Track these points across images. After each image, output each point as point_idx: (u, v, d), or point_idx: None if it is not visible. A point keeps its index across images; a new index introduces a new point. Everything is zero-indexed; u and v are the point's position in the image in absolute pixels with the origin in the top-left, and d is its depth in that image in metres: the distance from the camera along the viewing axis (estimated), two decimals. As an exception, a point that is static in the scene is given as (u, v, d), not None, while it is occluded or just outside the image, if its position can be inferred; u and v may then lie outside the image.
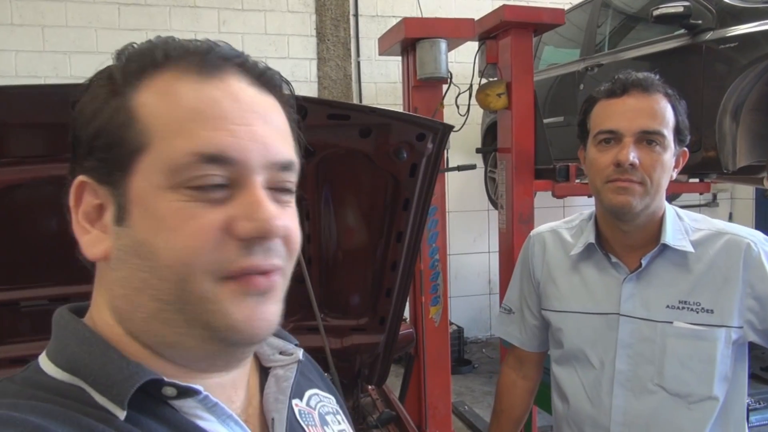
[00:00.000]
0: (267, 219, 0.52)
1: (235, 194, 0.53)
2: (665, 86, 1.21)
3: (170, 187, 0.51)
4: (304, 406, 0.68)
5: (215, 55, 0.54)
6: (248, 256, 0.52)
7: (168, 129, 0.52)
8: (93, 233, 0.55)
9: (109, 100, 0.53)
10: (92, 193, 0.55)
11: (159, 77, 0.53)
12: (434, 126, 1.36)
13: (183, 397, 0.53)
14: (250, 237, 0.52)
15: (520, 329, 1.47)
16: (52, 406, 0.49)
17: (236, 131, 0.52)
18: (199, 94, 0.53)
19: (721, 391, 1.20)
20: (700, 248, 1.22)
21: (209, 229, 0.51)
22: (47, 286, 1.35)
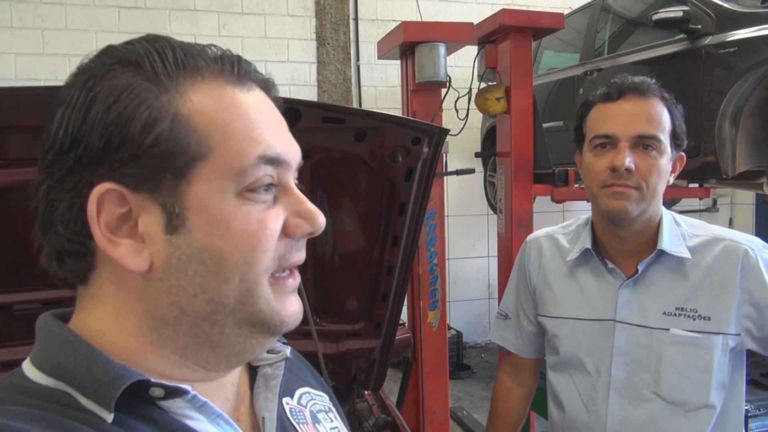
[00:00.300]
0: (315, 216, 0.57)
1: (279, 196, 0.57)
2: (662, 90, 1.20)
3: (232, 191, 0.53)
4: (295, 405, 0.69)
5: (244, 66, 0.57)
6: (296, 252, 0.58)
7: (229, 137, 0.53)
8: (125, 244, 0.52)
9: (162, 105, 0.51)
10: (117, 202, 0.52)
11: (202, 85, 0.54)
12: (430, 130, 1.35)
13: (171, 397, 0.53)
14: (302, 235, 0.57)
15: (516, 335, 1.46)
16: (37, 411, 0.49)
17: (283, 138, 0.57)
18: (246, 105, 0.55)
19: (718, 399, 1.19)
20: (697, 254, 1.20)
21: (273, 232, 0.55)
22: (41, 289, 1.34)
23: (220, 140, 0.52)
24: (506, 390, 1.50)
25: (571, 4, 4.71)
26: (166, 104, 0.52)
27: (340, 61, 4.95)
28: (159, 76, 0.52)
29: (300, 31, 4.91)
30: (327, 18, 4.91)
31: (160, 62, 0.52)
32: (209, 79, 0.54)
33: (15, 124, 1.12)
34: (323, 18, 4.92)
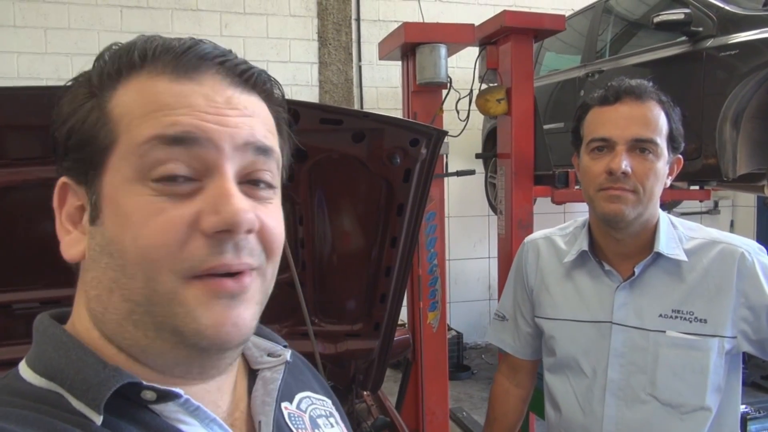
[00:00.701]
0: (234, 212, 0.49)
1: (203, 189, 0.51)
2: (659, 93, 1.20)
3: (137, 179, 0.50)
4: (294, 409, 0.67)
5: (193, 54, 0.53)
6: (218, 255, 0.50)
7: (134, 121, 0.51)
8: (73, 234, 0.55)
9: (85, 102, 0.54)
10: (74, 195, 0.55)
11: (135, 78, 0.53)
12: (428, 131, 1.35)
13: (163, 401, 0.52)
14: (214, 231, 0.50)
15: (514, 337, 1.46)
16: (27, 412, 0.49)
17: (205, 117, 0.51)
18: (169, 90, 0.52)
19: (714, 402, 1.19)
20: (694, 257, 1.21)
21: (175, 225, 0.49)
22: (40, 288, 1.35)
23: (125, 128, 0.52)
24: (503, 391, 1.50)
25: (573, 6, 4.71)
26: (88, 100, 0.54)
27: (341, 62, 4.96)
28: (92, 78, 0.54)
29: (302, 32, 4.92)
30: (329, 18, 4.92)
31: (99, 68, 0.55)
32: (145, 73, 0.53)
33: (16, 124, 1.12)
34: (325, 18, 4.92)
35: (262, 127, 0.55)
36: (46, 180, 1.18)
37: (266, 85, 0.58)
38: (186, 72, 0.53)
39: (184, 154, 0.50)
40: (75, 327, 0.57)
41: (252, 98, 0.56)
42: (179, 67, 0.53)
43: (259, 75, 0.57)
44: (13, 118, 1.10)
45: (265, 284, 0.56)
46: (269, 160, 0.55)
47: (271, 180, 0.56)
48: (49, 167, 1.16)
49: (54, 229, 1.28)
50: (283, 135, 0.61)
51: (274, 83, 0.59)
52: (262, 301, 0.56)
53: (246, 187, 0.54)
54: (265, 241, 0.54)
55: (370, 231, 1.53)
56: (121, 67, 0.53)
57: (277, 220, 0.56)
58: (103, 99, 0.53)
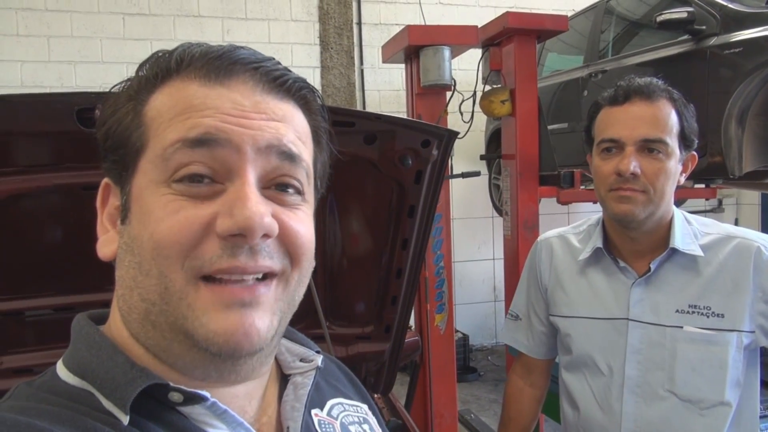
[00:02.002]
0: (248, 216, 0.49)
1: (224, 191, 0.51)
2: (670, 91, 1.20)
3: (162, 181, 0.52)
4: (325, 416, 0.66)
5: (226, 59, 0.53)
6: (230, 257, 0.50)
7: (162, 125, 0.53)
8: (109, 233, 0.57)
9: (123, 105, 0.55)
10: (114, 195, 0.57)
11: (169, 83, 0.54)
12: (439, 132, 1.35)
13: (190, 403, 0.53)
14: (227, 234, 0.49)
15: (528, 336, 1.46)
16: (60, 409, 0.50)
17: (227, 119, 0.51)
18: (197, 92, 0.53)
19: (734, 397, 1.18)
20: (710, 252, 1.20)
21: (191, 224, 0.50)
22: (52, 295, 1.35)
23: (154, 131, 0.53)
24: (518, 391, 1.49)
25: (575, 6, 4.71)
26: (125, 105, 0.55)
27: (343, 66, 4.97)
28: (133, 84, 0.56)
29: (304, 36, 4.93)
30: (330, 23, 4.93)
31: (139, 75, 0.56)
32: (179, 78, 0.54)
33: (26, 131, 1.13)
34: (327, 23, 4.93)
35: (292, 133, 0.55)
36: (58, 187, 1.19)
37: (302, 91, 0.57)
38: (217, 76, 0.53)
39: (206, 156, 0.50)
40: (111, 327, 0.57)
41: (286, 105, 0.56)
42: (211, 71, 0.53)
43: (296, 82, 0.57)
44: (26, 126, 1.10)
45: (288, 291, 0.55)
46: (296, 167, 0.55)
47: (298, 185, 0.55)
48: (59, 174, 1.17)
49: (65, 235, 1.28)
50: (320, 145, 0.61)
51: (312, 91, 0.59)
52: (283, 309, 0.55)
53: (273, 192, 0.54)
54: (289, 246, 0.54)
55: (381, 233, 1.53)
56: (158, 72, 0.55)
57: (305, 226, 0.56)
58: (139, 103, 0.55)
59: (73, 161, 1.15)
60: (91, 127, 1.02)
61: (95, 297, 1.31)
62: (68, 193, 1.18)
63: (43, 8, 4.40)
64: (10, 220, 1.22)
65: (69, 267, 1.28)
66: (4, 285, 1.28)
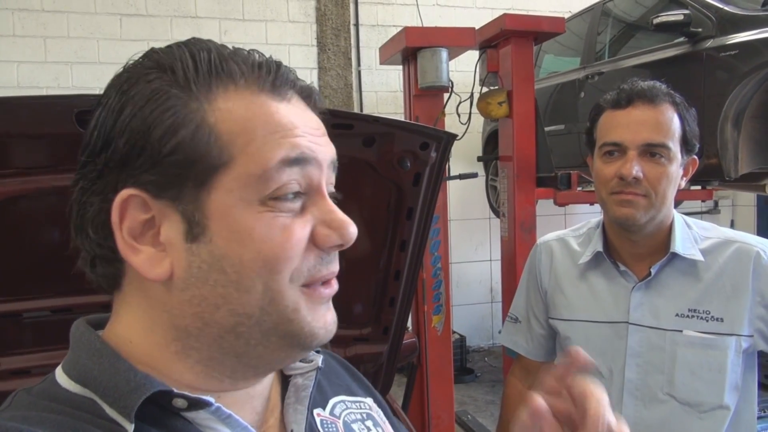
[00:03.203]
0: (345, 227, 0.54)
1: (308, 204, 0.55)
2: (673, 95, 1.20)
3: (256, 199, 0.52)
4: (327, 416, 0.67)
5: (282, 74, 0.55)
6: (327, 264, 0.55)
7: (253, 145, 0.52)
8: (146, 251, 0.52)
9: (187, 113, 0.51)
10: (140, 208, 0.51)
11: (235, 92, 0.53)
12: (438, 135, 1.36)
13: (194, 408, 0.53)
14: (330, 246, 0.54)
15: (527, 338, 1.46)
16: (62, 417, 0.49)
17: (311, 138, 0.55)
18: (277, 113, 0.53)
19: (732, 400, 1.19)
20: (710, 256, 1.21)
21: (299, 240, 0.53)
22: (50, 297, 1.34)
23: (242, 148, 0.51)
24: (517, 394, 1.49)
25: (571, 8, 4.72)
26: (192, 112, 0.51)
27: (341, 67, 4.97)
28: (189, 83, 0.51)
29: (301, 37, 4.93)
30: (328, 24, 4.93)
31: (192, 68, 0.52)
32: (243, 86, 0.53)
33: (24, 133, 1.12)
34: (324, 24, 4.93)
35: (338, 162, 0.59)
36: (57, 189, 1.19)
37: (321, 103, 0.61)
38: (281, 91, 0.55)
39: (298, 173, 0.53)
40: (114, 333, 0.56)
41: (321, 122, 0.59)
42: (276, 85, 0.55)
43: (319, 95, 0.60)
44: (25, 128, 1.10)
45: None
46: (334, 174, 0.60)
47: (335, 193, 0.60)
48: (57, 176, 1.17)
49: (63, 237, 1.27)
50: None
51: None
52: None
53: None
54: None
55: (380, 235, 1.53)
56: (218, 76, 0.53)
57: None
58: (203, 109, 0.51)
59: (72, 163, 1.15)
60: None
61: (93, 299, 1.31)
62: (67, 195, 1.18)
63: (39, 9, 4.39)
64: (8, 222, 1.22)
65: (67, 269, 1.27)
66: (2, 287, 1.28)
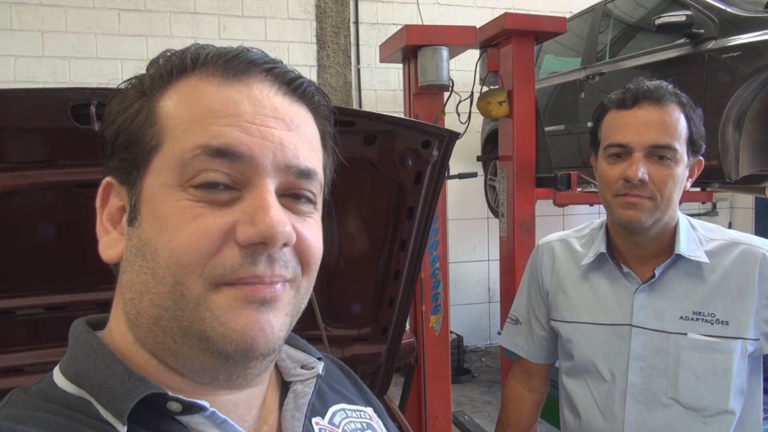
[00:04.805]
0: (270, 224, 0.49)
1: (241, 198, 0.51)
2: (679, 95, 1.18)
3: (178, 185, 0.50)
4: (326, 425, 0.65)
5: (243, 58, 0.53)
6: (251, 266, 0.50)
7: (181, 127, 0.51)
8: (112, 235, 0.55)
9: (135, 102, 0.54)
10: (116, 195, 0.55)
11: (185, 81, 0.53)
12: (440, 133, 1.34)
13: (189, 413, 0.52)
14: (249, 243, 0.49)
15: (528, 340, 1.44)
16: (57, 418, 0.49)
17: (249, 129, 0.51)
18: (217, 95, 0.52)
19: (738, 405, 1.17)
20: (715, 258, 1.19)
21: (211, 232, 0.49)
22: (44, 294, 1.33)
23: (172, 131, 0.52)
24: (517, 396, 1.48)
25: (572, 9, 4.71)
26: (138, 103, 0.54)
27: (340, 65, 4.95)
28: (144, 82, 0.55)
29: (300, 35, 4.91)
30: (327, 21, 4.91)
31: (154, 70, 0.55)
32: (193, 76, 0.53)
33: (18, 127, 1.10)
34: (324, 21, 4.91)
35: (306, 146, 0.55)
36: (52, 184, 1.17)
37: (315, 96, 0.57)
38: (234, 76, 0.53)
39: (226, 165, 0.50)
40: (112, 333, 0.56)
41: (299, 109, 0.56)
42: (228, 70, 0.53)
43: (309, 86, 0.57)
44: (19, 121, 1.08)
45: (298, 297, 0.55)
46: (311, 182, 0.55)
47: (311, 197, 0.56)
48: (52, 171, 1.15)
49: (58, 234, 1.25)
50: (327, 149, 0.61)
51: (323, 95, 0.59)
52: (293, 312, 0.55)
53: (286, 200, 0.53)
54: (302, 254, 0.54)
55: (380, 234, 1.51)
56: (172, 69, 0.54)
57: (316, 235, 0.56)
58: (152, 99, 0.54)
59: (67, 158, 1.13)
60: (86, 123, 1.00)
61: (88, 296, 1.29)
62: (62, 190, 1.16)
63: (37, 3, 4.36)
64: (2, 218, 1.20)
65: (61, 265, 1.26)
66: (-5, 283, 1.26)
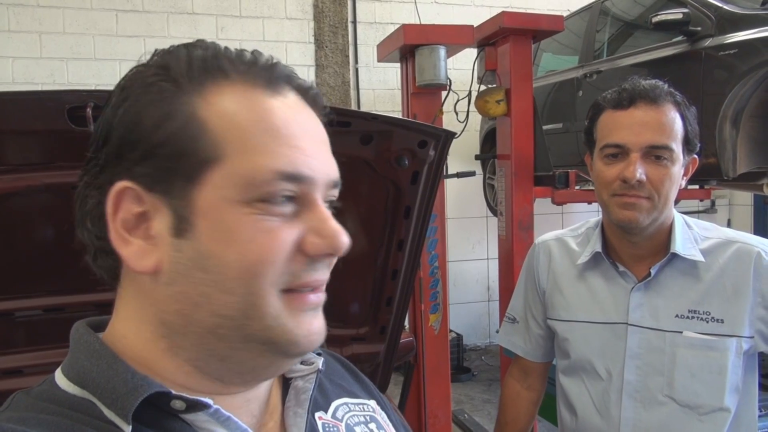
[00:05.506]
0: (336, 236, 0.54)
1: (301, 210, 0.54)
2: (674, 94, 1.18)
3: (242, 200, 0.51)
4: (329, 419, 0.66)
5: (278, 71, 0.55)
6: (313, 271, 0.54)
7: (245, 144, 0.51)
8: (136, 243, 0.52)
9: (177, 106, 0.51)
10: (134, 201, 0.52)
11: (228, 87, 0.52)
12: (436, 133, 1.34)
13: (192, 410, 0.52)
14: (318, 254, 0.53)
15: (525, 339, 1.44)
16: (60, 419, 0.49)
17: (306, 150, 0.54)
18: (271, 111, 0.53)
19: (733, 403, 1.18)
20: (710, 257, 1.20)
21: (285, 244, 0.52)
22: (42, 296, 1.33)
23: (236, 146, 0.51)
24: (515, 394, 1.48)
25: (569, 7, 4.71)
26: (183, 104, 0.51)
27: (338, 64, 4.95)
28: (181, 78, 0.52)
29: (298, 34, 4.91)
30: (325, 21, 4.91)
31: (185, 64, 0.53)
32: (236, 81, 0.53)
33: (15, 130, 1.11)
34: (321, 21, 4.91)
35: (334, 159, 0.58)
36: (48, 186, 1.17)
37: (324, 106, 0.59)
38: (276, 88, 0.54)
39: (291, 185, 0.53)
40: (114, 335, 0.56)
41: (315, 117, 0.57)
42: (271, 82, 0.54)
43: (320, 96, 0.59)
44: (16, 124, 1.09)
45: None
46: (337, 189, 0.59)
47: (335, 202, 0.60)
48: (50, 173, 1.15)
49: (56, 235, 1.25)
50: None
51: None
52: None
53: None
54: None
55: (377, 234, 1.51)
56: (210, 72, 0.53)
57: None
58: (194, 103, 0.52)
59: (64, 160, 1.13)
60: (82, 125, 1.01)
61: (86, 298, 1.29)
62: (59, 192, 1.17)
63: (35, 4, 4.36)
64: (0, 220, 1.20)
65: (59, 267, 1.26)
66: (-7, 285, 1.26)
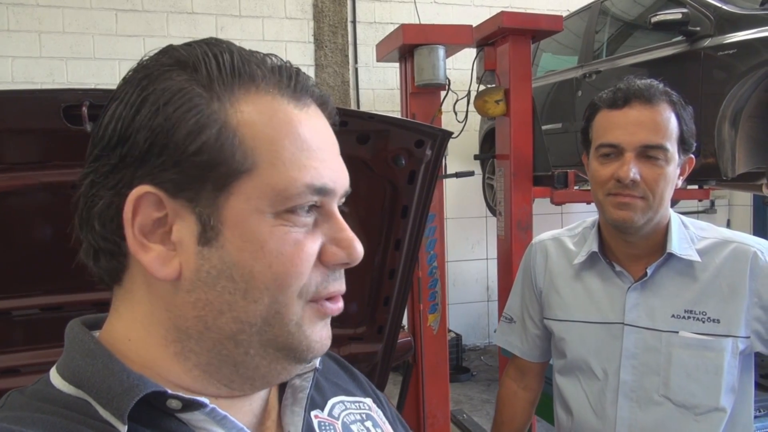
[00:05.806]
0: (354, 246, 0.55)
1: (319, 220, 0.55)
2: (670, 93, 1.18)
3: (271, 211, 0.51)
4: (325, 417, 0.66)
5: (302, 81, 0.55)
6: (333, 281, 0.56)
7: (277, 156, 0.51)
8: (156, 249, 0.51)
9: (210, 114, 0.50)
10: (154, 206, 0.51)
11: (257, 96, 0.52)
12: (433, 132, 1.34)
13: (189, 410, 0.52)
14: (337, 264, 0.55)
15: (522, 339, 1.45)
16: (55, 418, 0.49)
17: (330, 163, 0.55)
18: (299, 124, 0.53)
19: (729, 402, 1.18)
20: (706, 257, 1.20)
21: (310, 256, 0.53)
22: (40, 294, 1.33)
23: (267, 158, 0.51)
24: (512, 394, 1.48)
25: (569, 7, 4.72)
26: (215, 112, 0.50)
27: (338, 64, 4.95)
28: (213, 83, 0.51)
29: (298, 34, 4.91)
30: (325, 21, 4.91)
31: (215, 68, 0.51)
32: (264, 90, 0.52)
33: (11, 128, 1.11)
34: (321, 21, 4.91)
35: None
36: (45, 185, 1.17)
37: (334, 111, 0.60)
38: (299, 96, 0.55)
39: (317, 197, 0.54)
40: (110, 334, 0.56)
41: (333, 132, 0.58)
42: (296, 92, 0.54)
43: (334, 106, 0.59)
44: (11, 122, 1.09)
45: None
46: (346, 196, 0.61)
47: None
48: (48, 172, 1.15)
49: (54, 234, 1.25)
50: None
51: None
52: None
53: None
54: None
55: (374, 233, 1.51)
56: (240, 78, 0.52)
57: None
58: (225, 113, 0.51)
59: (61, 159, 1.13)
60: (78, 124, 1.01)
61: (84, 297, 1.29)
62: (56, 191, 1.17)
63: (34, 3, 4.37)
64: (-3, 219, 1.20)
65: (57, 266, 1.26)
66: (-10, 284, 1.26)
